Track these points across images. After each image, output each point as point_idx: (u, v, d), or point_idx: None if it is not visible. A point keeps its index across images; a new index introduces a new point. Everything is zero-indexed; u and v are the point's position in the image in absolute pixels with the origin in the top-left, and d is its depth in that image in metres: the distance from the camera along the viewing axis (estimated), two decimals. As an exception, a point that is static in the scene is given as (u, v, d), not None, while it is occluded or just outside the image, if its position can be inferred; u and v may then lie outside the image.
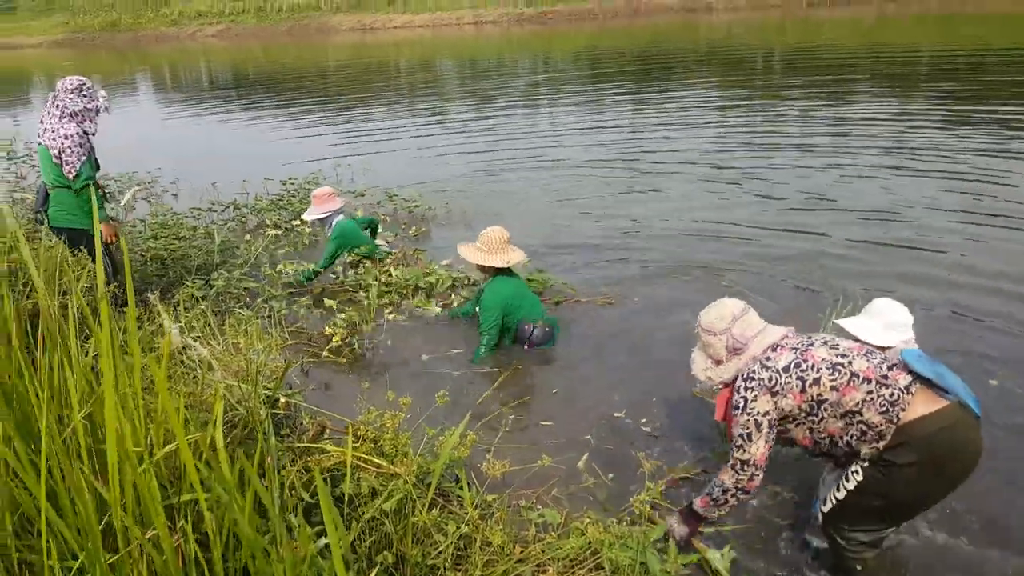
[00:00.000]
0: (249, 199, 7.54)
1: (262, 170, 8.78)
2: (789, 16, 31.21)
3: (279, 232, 6.51)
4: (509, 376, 4.10)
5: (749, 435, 2.43)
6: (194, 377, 3.29)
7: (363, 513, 2.41)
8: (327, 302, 4.75)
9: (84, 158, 4.48)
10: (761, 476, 2.48)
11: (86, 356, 2.28)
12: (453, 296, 5.08)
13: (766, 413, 2.42)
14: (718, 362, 2.62)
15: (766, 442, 2.43)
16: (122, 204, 6.73)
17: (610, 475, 3.20)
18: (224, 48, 40.37)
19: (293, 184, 7.91)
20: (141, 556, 1.59)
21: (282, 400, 3.21)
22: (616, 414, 3.69)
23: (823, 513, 2.54)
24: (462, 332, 4.67)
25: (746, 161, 8.54)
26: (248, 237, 6.40)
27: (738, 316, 2.58)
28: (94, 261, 4.41)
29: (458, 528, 2.37)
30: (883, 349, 2.79)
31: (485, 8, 41.80)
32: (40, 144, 4.54)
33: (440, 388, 3.91)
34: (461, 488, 2.63)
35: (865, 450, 2.35)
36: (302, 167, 9.02)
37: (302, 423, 3.15)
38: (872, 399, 2.30)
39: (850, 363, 2.37)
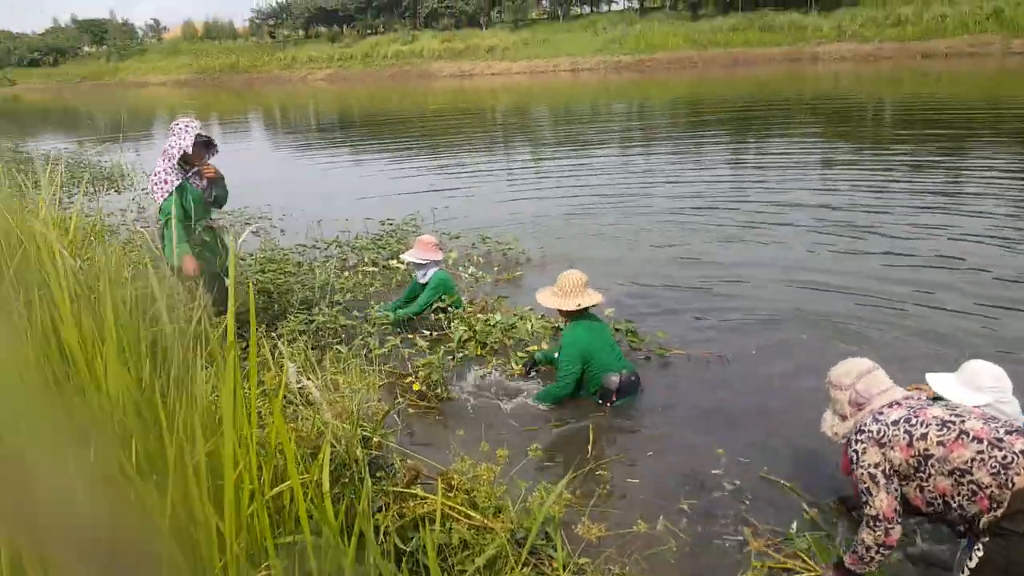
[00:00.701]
0: (350, 237, 7.83)
1: (364, 209, 9.12)
2: (901, 67, 30.16)
3: (375, 270, 6.72)
4: (599, 430, 4.02)
5: (869, 489, 2.46)
6: (294, 411, 3.40)
7: (453, 564, 2.40)
8: (405, 350, 4.83)
9: (168, 194, 4.62)
10: (898, 529, 2.44)
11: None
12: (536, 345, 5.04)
13: (877, 464, 2.44)
14: (843, 418, 2.65)
15: (888, 493, 2.43)
16: (239, 242, 7.13)
17: (707, 542, 3.06)
18: (332, 91, 42.66)
19: (391, 224, 8.18)
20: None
21: (375, 441, 3.26)
22: (714, 471, 3.55)
23: None
24: (551, 379, 4.62)
25: (856, 212, 8.16)
26: (347, 274, 6.64)
27: (864, 373, 2.64)
28: (208, 293, 4.67)
29: (550, 590, 2.32)
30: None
31: (582, 56, 42.54)
32: None
33: (531, 439, 3.90)
34: (553, 548, 2.58)
35: (984, 519, 2.24)
36: (401, 207, 9.31)
37: (393, 465, 3.18)
38: (983, 459, 2.25)
39: (963, 422, 2.35)
